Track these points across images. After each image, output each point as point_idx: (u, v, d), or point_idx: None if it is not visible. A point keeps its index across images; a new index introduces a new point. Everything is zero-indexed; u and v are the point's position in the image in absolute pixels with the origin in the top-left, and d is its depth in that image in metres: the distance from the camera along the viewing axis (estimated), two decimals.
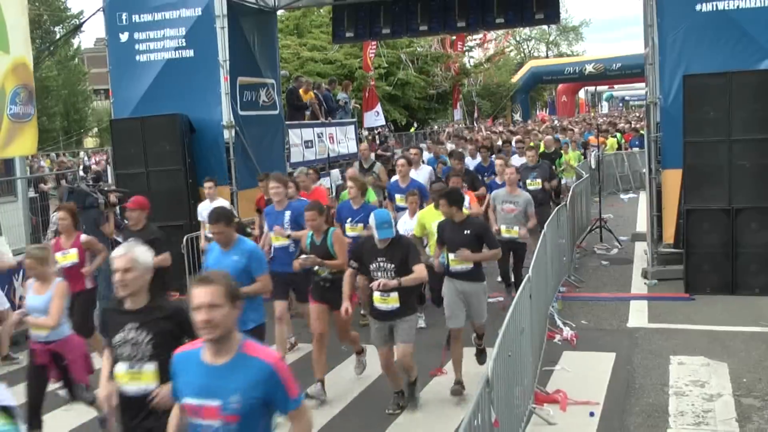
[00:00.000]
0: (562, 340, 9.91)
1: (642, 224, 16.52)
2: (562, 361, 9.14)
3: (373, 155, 15.43)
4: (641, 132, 30.15)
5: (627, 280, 13.18)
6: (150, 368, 4.93)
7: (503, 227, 11.27)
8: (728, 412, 7.38)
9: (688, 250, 11.92)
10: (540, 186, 13.48)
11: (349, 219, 10.35)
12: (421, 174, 12.88)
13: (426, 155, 17.42)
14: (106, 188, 12.87)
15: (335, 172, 19.25)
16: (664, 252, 12.89)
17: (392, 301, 7.41)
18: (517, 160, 15.30)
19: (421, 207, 10.45)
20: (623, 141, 28.16)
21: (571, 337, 9.96)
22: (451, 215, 8.29)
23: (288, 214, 9.58)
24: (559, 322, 10.42)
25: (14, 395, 4.42)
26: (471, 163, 15.22)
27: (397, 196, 11.74)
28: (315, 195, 11.39)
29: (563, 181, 17.01)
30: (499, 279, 11.99)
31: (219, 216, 7.30)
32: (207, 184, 12.38)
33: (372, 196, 11.55)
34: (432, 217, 9.37)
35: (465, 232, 8.18)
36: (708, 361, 8.85)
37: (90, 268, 9.28)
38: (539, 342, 8.84)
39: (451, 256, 8.22)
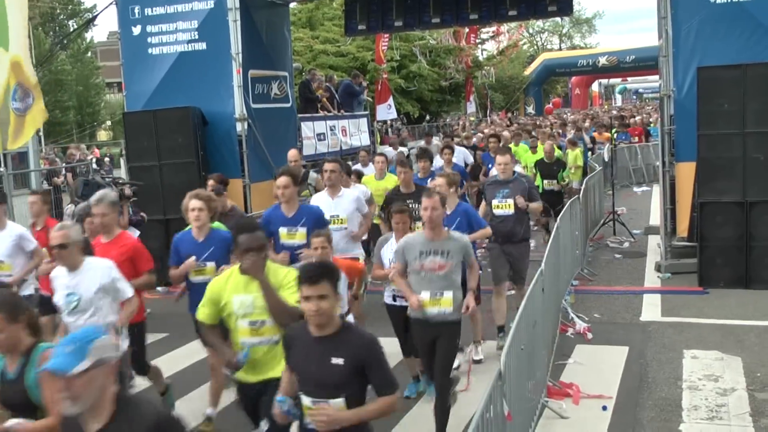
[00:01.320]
0: (574, 334, 9.89)
1: (655, 217, 16.46)
2: (575, 354, 9.12)
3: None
4: (649, 126, 29.92)
5: (640, 274, 13.14)
6: None
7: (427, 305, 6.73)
8: (742, 407, 7.34)
9: (701, 244, 11.87)
10: (511, 210, 9.63)
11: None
12: None
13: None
14: (120, 181, 12.89)
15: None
16: (677, 245, 12.84)
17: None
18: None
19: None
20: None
21: (584, 330, 9.94)
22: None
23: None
24: (572, 316, 10.40)
25: None
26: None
27: None
28: None
29: (573, 185, 16.52)
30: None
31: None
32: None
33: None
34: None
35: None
36: (722, 356, 8.81)
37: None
38: (552, 335, 8.82)
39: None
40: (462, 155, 15.63)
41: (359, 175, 12.50)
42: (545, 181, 14.60)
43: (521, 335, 6.16)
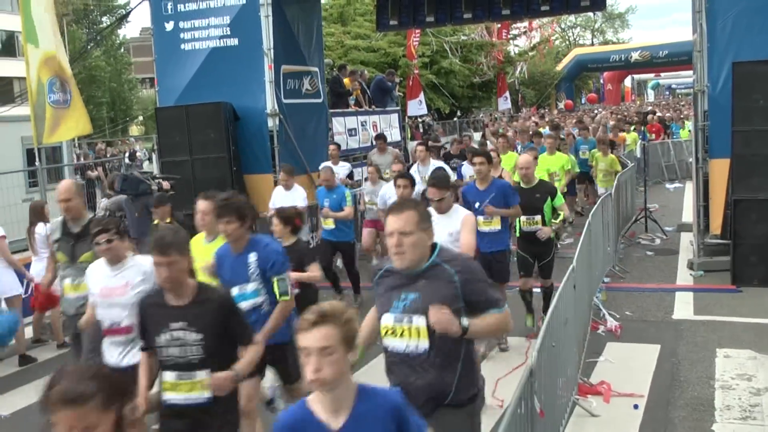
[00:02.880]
0: (605, 331, 9.83)
1: (688, 214, 16.32)
2: (606, 352, 9.06)
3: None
4: (668, 123, 29.45)
5: (672, 271, 13.03)
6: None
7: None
8: None
9: (735, 241, 11.75)
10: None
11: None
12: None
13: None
14: (157, 175, 13.03)
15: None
16: (710, 243, 12.72)
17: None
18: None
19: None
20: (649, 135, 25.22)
21: (615, 328, 9.88)
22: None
23: None
24: (603, 313, 10.34)
25: None
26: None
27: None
28: None
29: (600, 191, 16.22)
30: None
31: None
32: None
33: None
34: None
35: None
36: (755, 355, 8.71)
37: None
38: (583, 333, 8.77)
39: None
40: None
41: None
42: (523, 219, 9.69)
43: (552, 332, 6.14)
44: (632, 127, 23.95)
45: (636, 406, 7.44)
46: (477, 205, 8.94)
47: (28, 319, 10.95)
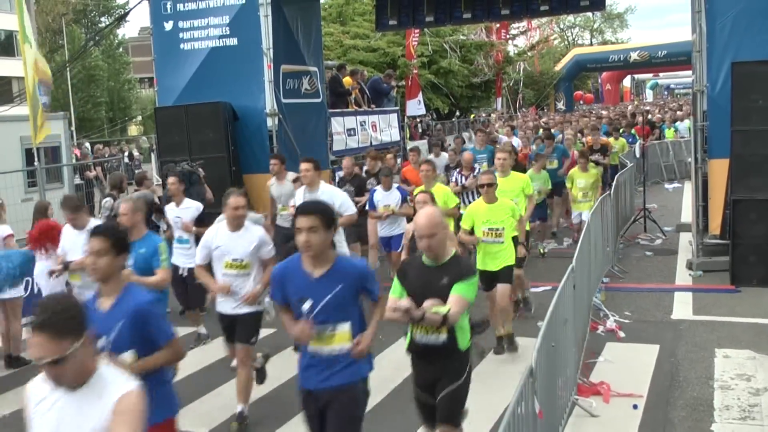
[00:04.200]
0: (605, 332, 9.84)
1: (687, 215, 16.33)
2: (606, 352, 9.07)
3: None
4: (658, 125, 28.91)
5: (671, 272, 13.04)
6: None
7: None
8: None
9: (734, 241, 11.75)
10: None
11: None
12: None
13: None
14: (194, 164, 13.22)
15: None
16: (709, 243, 12.72)
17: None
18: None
19: None
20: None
21: (614, 328, 9.88)
22: None
23: None
24: (604, 313, 10.35)
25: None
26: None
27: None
28: None
29: (574, 216, 15.24)
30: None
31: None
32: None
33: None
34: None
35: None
36: (754, 355, 8.72)
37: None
38: (582, 333, 8.78)
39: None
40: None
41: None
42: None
43: (552, 332, 6.14)
44: (621, 131, 22.94)
45: (635, 406, 7.44)
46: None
47: (25, 320, 10.94)
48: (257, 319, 7.61)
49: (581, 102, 65.61)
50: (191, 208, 10.65)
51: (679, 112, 34.51)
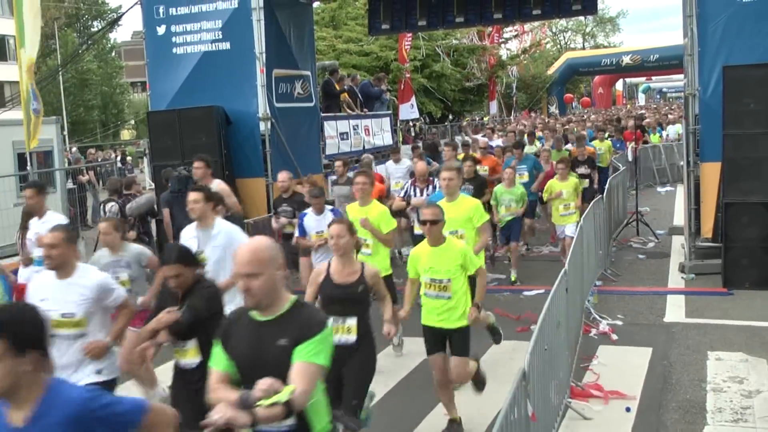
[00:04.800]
0: (598, 335, 9.85)
1: (679, 218, 16.36)
2: (599, 355, 9.08)
3: None
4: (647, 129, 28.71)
5: (664, 275, 13.06)
6: None
7: None
8: (767, 409, 7.28)
9: (726, 244, 11.78)
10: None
11: None
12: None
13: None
14: (190, 169, 13.23)
15: None
16: (701, 246, 12.75)
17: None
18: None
19: None
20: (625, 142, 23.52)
21: (607, 331, 9.89)
22: None
23: None
24: (593, 316, 10.36)
25: None
26: None
27: None
28: None
29: (559, 231, 13.49)
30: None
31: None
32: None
33: None
34: None
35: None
36: (746, 357, 8.74)
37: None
38: (575, 336, 8.79)
39: None
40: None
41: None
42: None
43: (545, 336, 6.15)
44: (606, 134, 22.26)
45: (628, 409, 7.45)
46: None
47: None
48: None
49: (573, 105, 65.67)
50: (51, 221, 8.61)
51: (670, 116, 34.43)
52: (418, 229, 10.80)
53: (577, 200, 13.25)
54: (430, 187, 11.57)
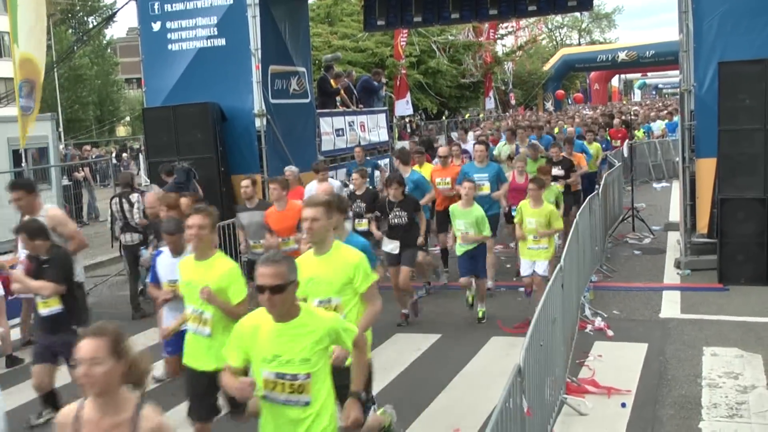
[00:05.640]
0: (593, 330, 9.86)
1: (675, 214, 16.37)
2: (594, 351, 9.09)
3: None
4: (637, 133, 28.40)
5: (659, 270, 13.07)
6: None
7: None
8: (762, 405, 7.29)
9: (722, 240, 11.79)
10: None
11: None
12: None
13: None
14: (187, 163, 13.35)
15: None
16: (697, 242, 12.76)
17: None
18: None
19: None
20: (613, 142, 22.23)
21: (603, 327, 9.90)
22: None
23: None
24: (587, 312, 10.36)
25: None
26: None
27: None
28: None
29: (525, 267, 10.60)
30: None
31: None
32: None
33: None
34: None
35: None
36: (742, 353, 8.76)
37: None
38: (571, 332, 8.80)
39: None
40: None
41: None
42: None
43: (540, 331, 6.16)
44: (596, 134, 20.94)
45: (624, 405, 7.46)
46: None
47: (16, 321, 10.94)
48: None
49: (568, 101, 65.72)
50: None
51: (652, 113, 34.29)
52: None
53: (556, 227, 10.45)
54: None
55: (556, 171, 13.73)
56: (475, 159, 12.86)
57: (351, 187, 12.32)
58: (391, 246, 10.54)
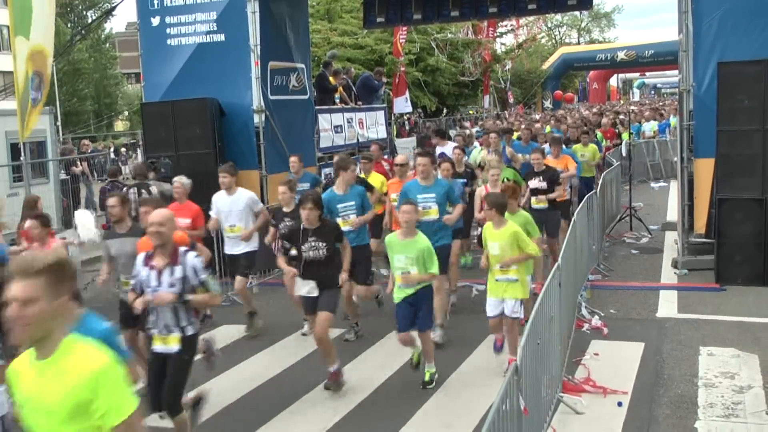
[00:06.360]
0: (590, 329, 9.86)
1: (673, 213, 16.38)
2: (591, 350, 9.09)
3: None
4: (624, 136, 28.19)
5: (657, 270, 13.08)
6: None
7: None
8: (758, 405, 7.30)
9: (719, 240, 11.80)
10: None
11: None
12: None
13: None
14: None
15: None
16: (694, 242, 12.77)
17: None
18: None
19: None
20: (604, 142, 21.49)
21: (600, 326, 9.91)
22: None
23: None
24: (583, 311, 10.37)
25: None
26: None
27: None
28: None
29: (491, 307, 8.36)
30: None
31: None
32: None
33: None
34: None
35: None
36: (738, 353, 8.77)
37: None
38: (568, 331, 8.80)
39: None
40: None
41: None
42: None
43: (537, 330, 6.16)
44: (591, 137, 19.80)
45: (620, 404, 7.46)
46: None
47: None
48: None
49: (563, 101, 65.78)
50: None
51: (647, 113, 34.16)
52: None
53: (528, 252, 8.21)
54: None
55: (537, 183, 11.92)
56: (419, 174, 9.76)
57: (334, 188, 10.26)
58: (306, 288, 8.20)
